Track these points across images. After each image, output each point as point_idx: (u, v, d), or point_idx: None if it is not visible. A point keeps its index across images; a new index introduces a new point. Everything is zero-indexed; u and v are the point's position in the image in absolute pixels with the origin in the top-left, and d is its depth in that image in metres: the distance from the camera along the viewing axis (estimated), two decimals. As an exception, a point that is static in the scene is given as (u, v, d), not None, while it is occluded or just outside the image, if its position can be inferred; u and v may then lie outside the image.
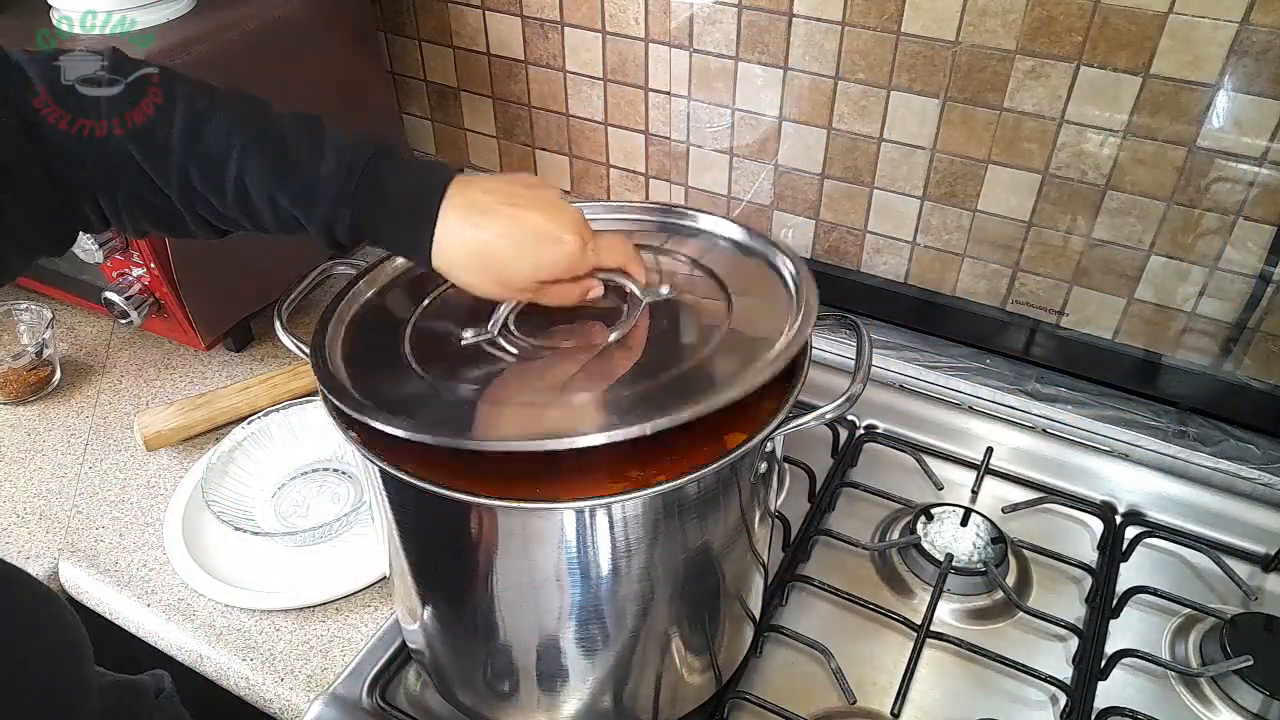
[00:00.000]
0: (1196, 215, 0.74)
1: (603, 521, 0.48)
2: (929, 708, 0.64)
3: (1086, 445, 0.82)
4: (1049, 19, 0.70)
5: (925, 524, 0.74)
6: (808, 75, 0.82)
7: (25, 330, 0.92)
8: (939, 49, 0.75)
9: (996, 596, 0.71)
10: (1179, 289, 0.78)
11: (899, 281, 0.90)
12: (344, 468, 0.82)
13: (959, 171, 0.80)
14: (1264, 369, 0.78)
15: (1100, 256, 0.79)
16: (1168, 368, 0.81)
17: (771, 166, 0.89)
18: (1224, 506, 0.77)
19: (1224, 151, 0.70)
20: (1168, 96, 0.70)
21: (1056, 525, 0.78)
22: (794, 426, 0.50)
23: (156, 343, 0.97)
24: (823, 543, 0.75)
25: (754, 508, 0.55)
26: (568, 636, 0.53)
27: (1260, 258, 0.73)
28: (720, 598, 0.58)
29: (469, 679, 0.61)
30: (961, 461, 0.82)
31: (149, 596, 0.72)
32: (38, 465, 0.84)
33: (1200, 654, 0.67)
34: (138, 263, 0.84)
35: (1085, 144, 0.74)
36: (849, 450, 0.84)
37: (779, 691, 0.64)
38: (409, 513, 0.53)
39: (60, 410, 0.90)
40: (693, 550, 0.52)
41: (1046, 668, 0.65)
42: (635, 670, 0.57)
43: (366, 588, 0.71)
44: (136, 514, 0.79)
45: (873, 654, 0.68)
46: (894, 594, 0.72)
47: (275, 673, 0.66)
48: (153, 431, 0.82)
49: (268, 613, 0.70)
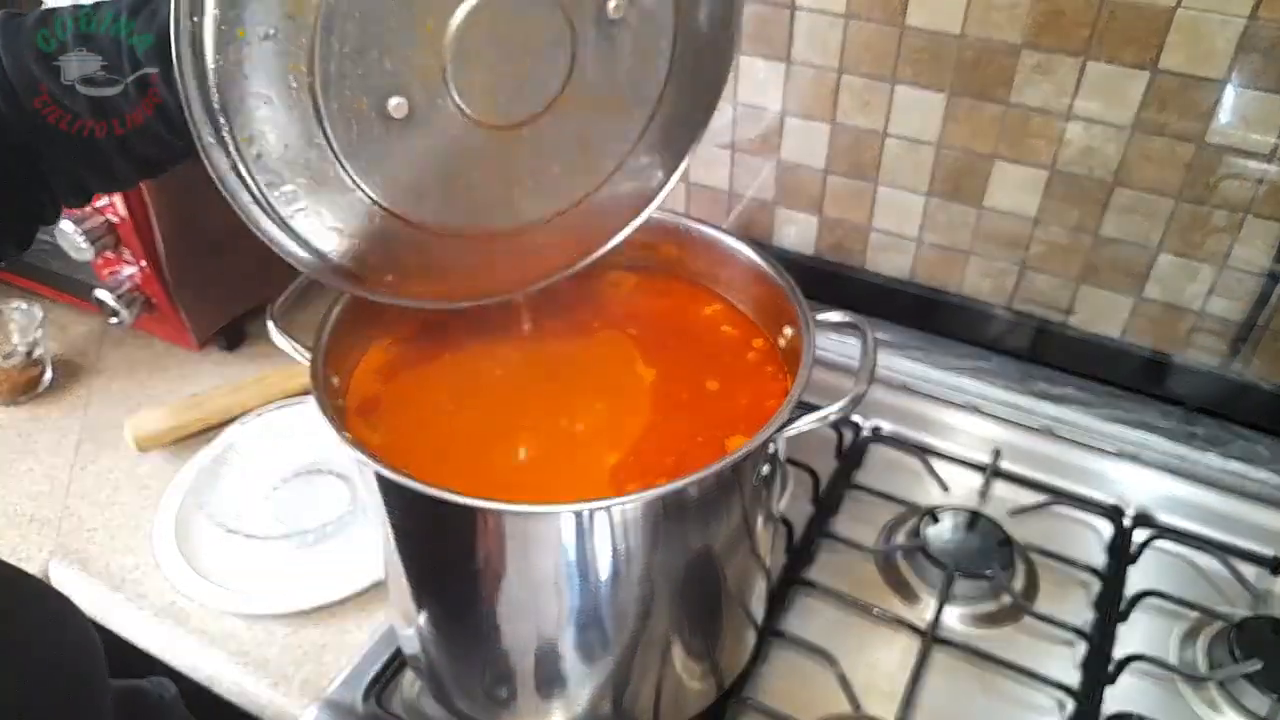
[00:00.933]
0: (1205, 212, 0.73)
1: (602, 525, 0.47)
2: (935, 714, 0.63)
3: (1094, 447, 0.81)
4: (1056, 13, 0.69)
5: (931, 526, 0.73)
6: (811, 68, 0.81)
7: (16, 330, 0.91)
8: (944, 42, 0.74)
9: (1004, 600, 0.70)
10: (1187, 287, 0.77)
11: (904, 279, 0.89)
12: (338, 469, 0.81)
13: (965, 167, 0.80)
14: (1273, 369, 0.77)
15: (1108, 254, 0.78)
16: (1176, 367, 0.81)
17: (774, 162, 0.88)
18: (1233, 508, 0.76)
19: (1233, 148, 0.69)
20: (1176, 92, 0.69)
21: (1064, 528, 0.77)
22: (797, 428, 0.49)
23: (148, 342, 0.96)
24: (827, 546, 0.74)
25: (756, 510, 0.54)
26: (566, 642, 0.53)
27: (1270, 256, 0.73)
28: (722, 602, 0.57)
29: (466, 685, 0.60)
30: (968, 463, 0.81)
31: (140, 600, 0.71)
32: (28, 466, 0.83)
33: (1208, 658, 0.66)
34: (129, 261, 0.84)
35: (1092, 140, 0.73)
36: (853, 451, 0.83)
37: (782, 698, 0.63)
38: (404, 515, 0.52)
39: (51, 410, 0.89)
40: (694, 554, 0.51)
41: (1054, 673, 0.64)
42: (635, 676, 0.56)
43: (362, 592, 0.70)
44: (128, 516, 0.78)
45: (878, 659, 0.67)
46: (899, 598, 0.71)
47: (269, 678, 0.65)
48: (144, 432, 0.81)
49: (261, 617, 0.69)
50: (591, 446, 0.56)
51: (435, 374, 0.61)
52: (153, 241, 0.81)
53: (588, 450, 0.56)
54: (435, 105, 0.48)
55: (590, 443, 0.57)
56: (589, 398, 0.59)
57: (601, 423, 0.58)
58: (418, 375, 0.61)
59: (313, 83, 0.44)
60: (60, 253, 0.82)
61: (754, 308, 0.64)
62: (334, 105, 0.45)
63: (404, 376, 0.61)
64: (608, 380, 0.61)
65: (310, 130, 0.45)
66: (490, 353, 0.63)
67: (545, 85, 0.51)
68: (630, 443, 0.56)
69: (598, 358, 0.63)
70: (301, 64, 0.43)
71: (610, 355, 0.63)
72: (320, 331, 0.55)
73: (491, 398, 0.60)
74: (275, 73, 0.43)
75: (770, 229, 0.92)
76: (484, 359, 0.62)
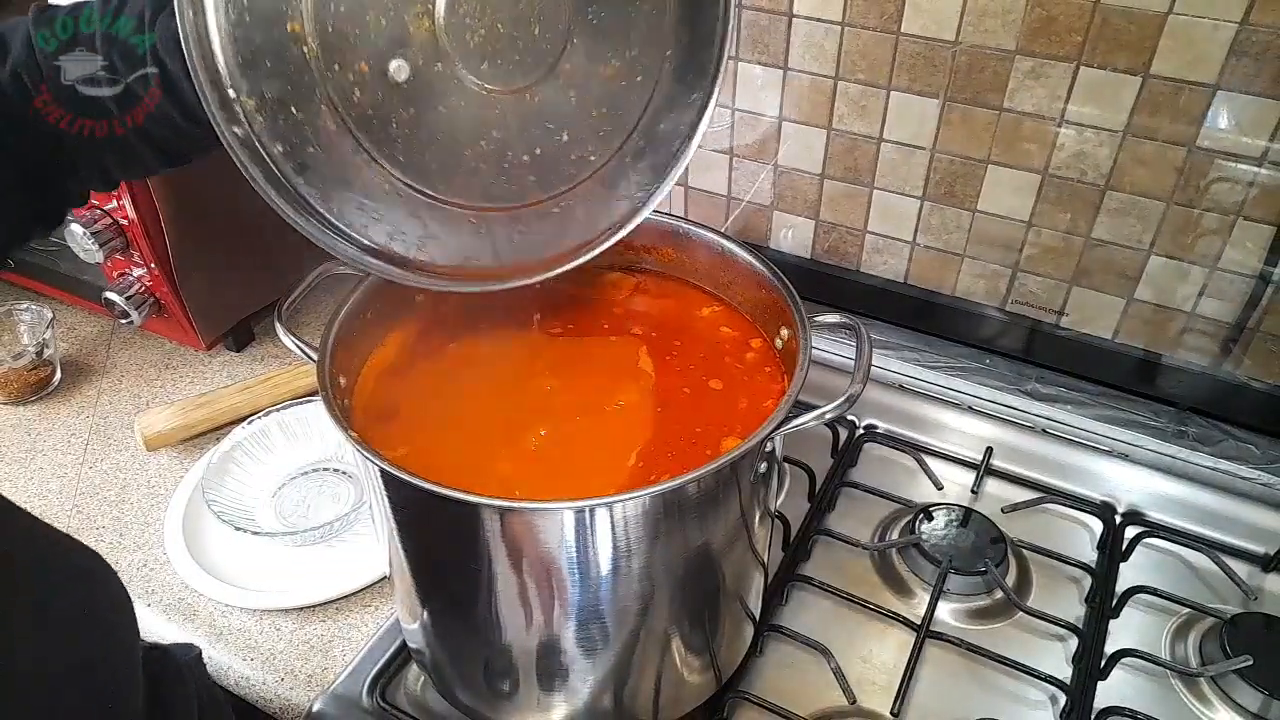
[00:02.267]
0: (1196, 215, 0.74)
1: (603, 522, 0.48)
2: (929, 707, 0.64)
3: (1086, 445, 0.82)
4: (1049, 19, 0.70)
5: (925, 523, 0.74)
6: (808, 75, 0.82)
7: (25, 330, 0.92)
8: (939, 49, 0.75)
9: (996, 596, 0.71)
10: (1179, 289, 0.78)
11: (899, 281, 0.90)
12: (344, 467, 0.82)
13: (959, 172, 0.81)
14: (1264, 369, 0.78)
15: (1100, 257, 0.79)
16: (1167, 368, 0.81)
17: (771, 167, 0.89)
18: (1224, 506, 0.77)
19: (1224, 152, 0.70)
20: (1167, 97, 0.70)
21: (1056, 525, 0.78)
22: (793, 426, 0.50)
23: (157, 343, 0.97)
24: (823, 542, 0.75)
25: (754, 507, 0.55)
26: (568, 636, 0.53)
27: (1260, 258, 0.73)
28: (720, 597, 0.58)
29: (469, 678, 0.61)
30: (961, 461, 0.82)
31: (149, 596, 0.72)
32: (38, 465, 0.84)
33: (1200, 654, 0.67)
34: (138, 263, 0.85)
35: (1085, 144, 0.74)
36: (849, 450, 0.84)
37: (779, 691, 0.64)
38: (409, 513, 0.53)
39: (60, 410, 0.90)
40: (693, 550, 0.52)
41: (1046, 667, 0.65)
42: (635, 670, 0.57)
43: (367, 587, 0.72)
44: (137, 514, 0.79)
45: (873, 653, 0.68)
46: (894, 594, 0.72)
47: (275, 672, 0.66)
48: (153, 431, 0.82)
49: (268, 612, 0.70)
50: (593, 445, 0.57)
51: (440, 374, 0.62)
52: (162, 244, 0.82)
53: (589, 449, 0.57)
54: (435, 70, 0.47)
55: (591, 441, 0.58)
56: (591, 396, 0.60)
57: (603, 421, 0.59)
58: (422, 375, 0.62)
59: (312, 44, 0.43)
60: (70, 255, 0.83)
61: (752, 309, 0.65)
62: (335, 67, 0.44)
63: (409, 376, 0.62)
64: (610, 379, 0.62)
65: (315, 95, 0.44)
66: (494, 353, 0.64)
67: (545, 49, 0.50)
68: (633, 441, 0.57)
69: (600, 357, 0.64)
70: (299, 23, 0.43)
71: (612, 355, 0.64)
72: (327, 332, 0.56)
73: (496, 397, 0.60)
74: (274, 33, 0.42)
75: (768, 232, 0.93)
76: (488, 359, 0.63)
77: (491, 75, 0.49)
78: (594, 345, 0.65)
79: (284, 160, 0.45)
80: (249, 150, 0.44)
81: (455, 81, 0.48)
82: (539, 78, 0.51)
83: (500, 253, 0.55)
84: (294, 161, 0.45)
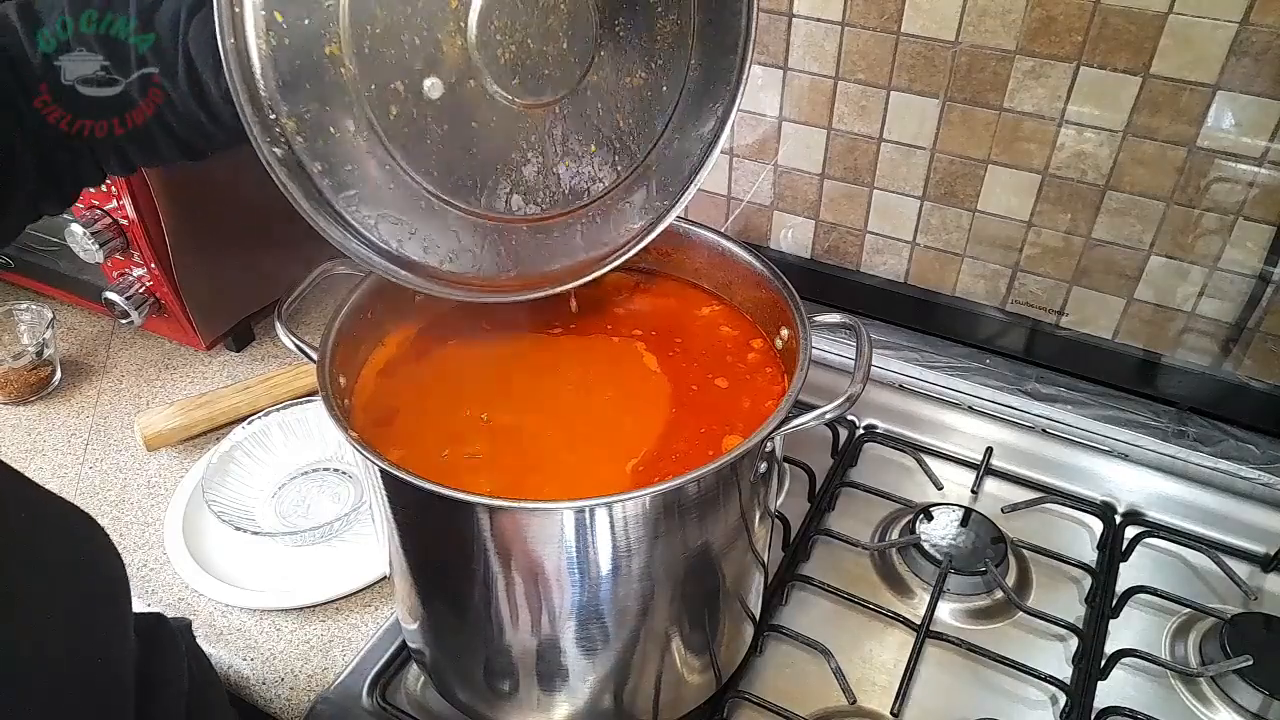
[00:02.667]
0: (1196, 215, 0.74)
1: (602, 522, 0.48)
2: (929, 707, 0.64)
3: (1086, 445, 0.82)
4: (1049, 19, 0.70)
5: (925, 524, 0.74)
6: (807, 75, 0.82)
7: (25, 330, 0.92)
8: (939, 49, 0.75)
9: (996, 596, 0.71)
10: (1179, 289, 0.78)
11: (899, 281, 0.90)
12: (344, 467, 0.82)
13: (959, 172, 0.81)
14: (1264, 369, 0.78)
15: (1100, 257, 0.79)
16: (1167, 368, 0.81)
17: (771, 167, 0.89)
18: (1223, 506, 0.77)
19: (1224, 151, 0.70)
20: (1167, 97, 0.70)
21: (1056, 525, 0.78)
22: (793, 426, 0.50)
23: (157, 343, 0.97)
24: (823, 542, 0.75)
25: (754, 507, 0.55)
26: (568, 636, 0.53)
27: (1260, 258, 0.74)
28: (720, 597, 0.58)
29: (469, 678, 0.61)
30: (961, 461, 0.82)
31: (149, 596, 0.72)
32: (38, 465, 0.84)
33: (1200, 654, 0.67)
34: (138, 263, 0.85)
35: (1085, 144, 0.74)
36: (849, 450, 0.84)
37: (779, 691, 0.64)
38: (409, 513, 0.53)
39: (60, 410, 0.90)
40: (693, 550, 0.52)
41: (1046, 667, 0.65)
42: (635, 670, 0.57)
43: (367, 587, 0.72)
44: (137, 514, 0.79)
45: (873, 653, 0.68)
46: (894, 594, 0.72)
47: (275, 672, 0.66)
48: (153, 431, 0.82)
49: (268, 612, 0.70)
50: (594, 445, 0.57)
51: (441, 374, 0.62)
52: (162, 244, 0.82)
53: (589, 448, 0.57)
54: (468, 86, 0.48)
55: (592, 441, 0.58)
56: (592, 396, 0.60)
57: (604, 421, 0.59)
58: (423, 375, 0.62)
59: (350, 65, 0.44)
60: (70, 255, 0.83)
61: (752, 309, 0.65)
62: (372, 87, 0.45)
63: (410, 376, 0.62)
64: (610, 379, 0.62)
65: (353, 115, 0.45)
66: (496, 353, 0.64)
67: (574, 62, 0.51)
68: (634, 441, 0.57)
69: (601, 357, 0.64)
70: (337, 46, 0.44)
71: (614, 355, 0.64)
72: (327, 332, 0.56)
73: (497, 397, 0.60)
74: (314, 56, 0.43)
75: (768, 232, 0.93)
76: (489, 359, 0.63)
77: (522, 90, 0.50)
78: (595, 345, 0.65)
79: (322, 178, 0.46)
80: (288, 169, 0.45)
81: (487, 97, 0.49)
82: (567, 91, 0.52)
83: (525, 264, 0.56)
84: (332, 179, 0.46)
